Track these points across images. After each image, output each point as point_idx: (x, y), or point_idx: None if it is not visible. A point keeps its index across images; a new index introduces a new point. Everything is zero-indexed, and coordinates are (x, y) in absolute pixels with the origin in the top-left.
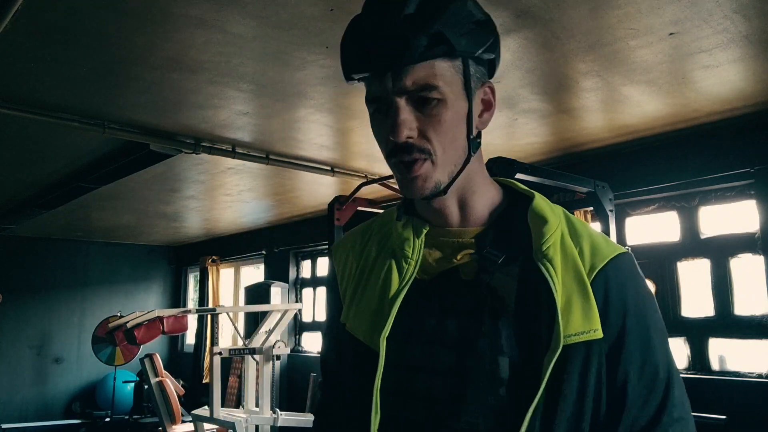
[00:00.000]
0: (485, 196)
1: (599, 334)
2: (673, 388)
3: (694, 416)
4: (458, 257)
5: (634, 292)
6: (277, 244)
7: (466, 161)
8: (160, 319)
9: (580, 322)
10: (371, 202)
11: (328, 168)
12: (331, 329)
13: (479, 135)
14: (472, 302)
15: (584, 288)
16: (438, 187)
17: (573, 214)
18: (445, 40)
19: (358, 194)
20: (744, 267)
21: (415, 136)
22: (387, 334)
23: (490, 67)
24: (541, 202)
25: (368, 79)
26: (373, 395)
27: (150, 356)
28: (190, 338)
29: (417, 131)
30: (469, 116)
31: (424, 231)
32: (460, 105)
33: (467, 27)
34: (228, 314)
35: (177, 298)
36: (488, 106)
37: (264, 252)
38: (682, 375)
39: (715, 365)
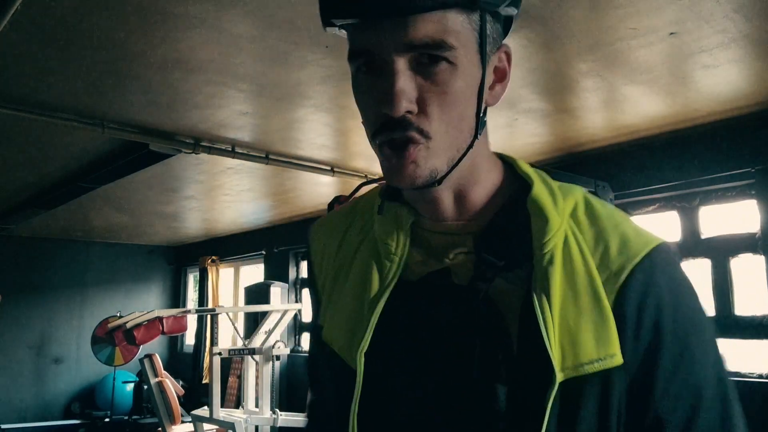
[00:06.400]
0: (487, 185)
1: (618, 360)
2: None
3: None
4: (450, 256)
5: (671, 297)
6: (277, 244)
7: (470, 145)
8: (160, 319)
9: (592, 346)
10: None
11: (328, 168)
12: (314, 327)
13: (485, 112)
14: (465, 315)
15: (597, 302)
16: (433, 176)
17: None
18: None
19: (358, 194)
20: (744, 267)
21: (415, 111)
22: (365, 349)
23: (506, 26)
24: (540, 192)
25: (357, 26)
26: (350, 422)
27: (149, 356)
28: (190, 338)
29: (417, 105)
30: (481, 88)
31: (410, 221)
32: (472, 73)
33: None
34: (228, 314)
35: (177, 298)
36: (502, 76)
37: (264, 252)
38: None
39: None
